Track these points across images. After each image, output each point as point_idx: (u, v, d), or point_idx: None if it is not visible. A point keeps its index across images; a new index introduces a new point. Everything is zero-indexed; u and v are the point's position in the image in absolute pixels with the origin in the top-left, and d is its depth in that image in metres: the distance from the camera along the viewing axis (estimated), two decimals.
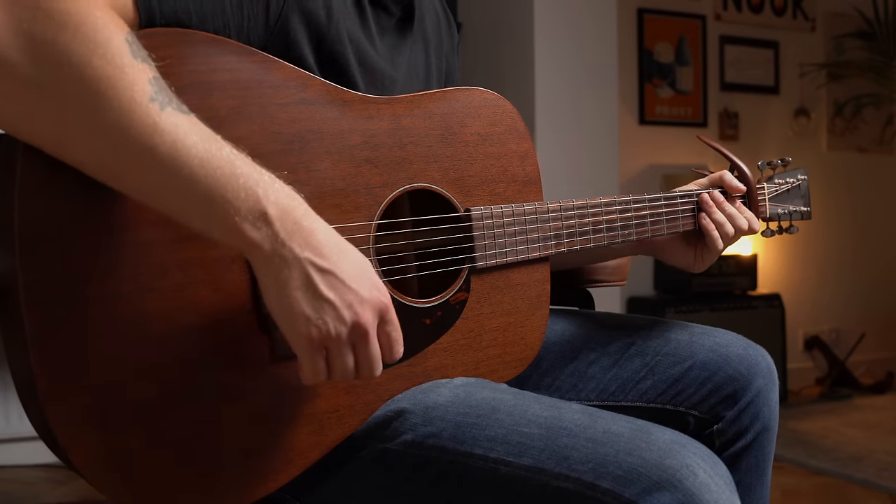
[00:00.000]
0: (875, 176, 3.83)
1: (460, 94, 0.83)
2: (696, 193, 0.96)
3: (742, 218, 0.95)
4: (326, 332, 0.62)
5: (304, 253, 0.61)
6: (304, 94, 0.71)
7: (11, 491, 2.09)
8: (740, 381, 0.90)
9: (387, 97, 0.77)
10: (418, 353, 0.78)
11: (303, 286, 0.61)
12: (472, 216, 0.81)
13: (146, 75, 0.57)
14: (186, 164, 0.57)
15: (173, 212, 0.60)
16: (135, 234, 0.62)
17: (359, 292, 0.63)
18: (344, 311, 0.62)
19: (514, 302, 0.85)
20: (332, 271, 0.62)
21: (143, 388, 0.62)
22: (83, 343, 0.60)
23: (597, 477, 0.65)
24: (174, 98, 0.59)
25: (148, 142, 0.57)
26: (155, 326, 0.63)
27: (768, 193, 1.03)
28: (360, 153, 0.74)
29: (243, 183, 0.59)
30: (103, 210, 0.61)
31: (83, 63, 0.55)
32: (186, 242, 0.64)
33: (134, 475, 0.62)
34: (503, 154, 0.85)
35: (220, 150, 0.59)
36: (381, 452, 0.74)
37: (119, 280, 0.61)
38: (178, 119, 0.58)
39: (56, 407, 0.59)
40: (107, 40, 0.56)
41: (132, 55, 0.57)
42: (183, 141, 0.57)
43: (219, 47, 0.66)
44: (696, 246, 0.98)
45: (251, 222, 0.59)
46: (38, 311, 0.58)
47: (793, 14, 3.62)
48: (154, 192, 0.59)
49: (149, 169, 0.57)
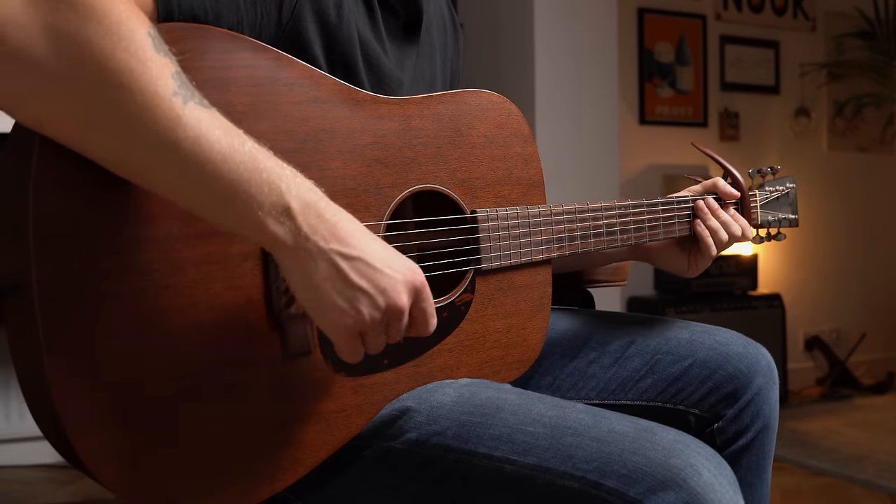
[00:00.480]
0: (876, 176, 3.83)
1: (469, 97, 0.83)
2: (692, 200, 0.97)
3: (736, 225, 0.97)
4: (361, 320, 0.62)
5: (330, 244, 0.61)
6: (317, 92, 0.71)
7: (11, 491, 2.09)
8: (741, 380, 0.90)
9: (397, 98, 0.78)
10: (424, 353, 0.78)
11: (331, 277, 0.61)
12: (478, 218, 0.82)
13: (169, 69, 0.57)
14: (210, 158, 0.57)
15: (195, 207, 0.60)
16: (149, 230, 0.62)
17: (392, 275, 0.63)
18: (378, 297, 0.62)
19: (517, 304, 0.86)
20: (361, 258, 0.62)
21: (155, 386, 0.62)
22: (96, 340, 0.60)
23: (601, 476, 0.66)
24: (196, 92, 0.58)
25: (171, 136, 0.56)
26: (168, 323, 0.63)
27: (759, 201, 1.04)
28: (371, 153, 0.74)
29: (266, 178, 0.59)
30: (118, 206, 0.61)
31: (106, 56, 0.55)
32: (200, 239, 0.64)
33: (144, 473, 0.62)
34: (508, 157, 0.86)
35: (243, 145, 0.59)
36: (385, 451, 0.74)
37: (133, 276, 0.61)
38: (200, 114, 0.57)
39: (68, 405, 0.59)
40: (130, 34, 0.56)
41: (155, 49, 0.57)
42: (206, 136, 0.57)
43: (235, 43, 0.67)
44: (690, 251, 0.99)
45: (274, 217, 0.59)
46: (52, 307, 0.58)
47: (793, 14, 3.62)
48: (176, 187, 0.59)
49: (171, 164, 0.57)
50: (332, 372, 0.72)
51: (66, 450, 0.62)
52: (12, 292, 0.61)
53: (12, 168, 0.62)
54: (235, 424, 0.66)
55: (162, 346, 0.63)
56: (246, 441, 0.67)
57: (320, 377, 0.71)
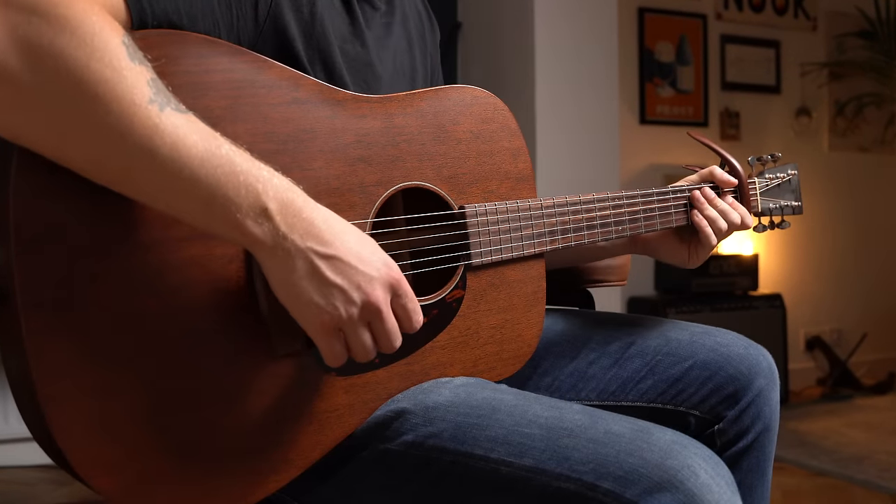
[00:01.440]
0: (877, 176, 3.82)
1: (452, 93, 0.83)
2: (688, 189, 0.97)
3: (734, 213, 0.96)
4: (338, 315, 0.63)
5: (307, 243, 0.62)
6: (296, 93, 0.71)
7: (9, 492, 2.09)
8: (741, 381, 0.90)
9: (379, 96, 0.78)
10: (416, 351, 0.78)
11: (308, 275, 0.62)
12: (466, 213, 0.81)
13: (144, 77, 0.57)
14: (187, 164, 0.58)
15: (175, 211, 0.61)
16: (132, 234, 0.62)
17: (367, 272, 0.64)
18: (353, 293, 0.63)
19: (510, 299, 0.85)
20: (337, 256, 0.63)
21: (141, 389, 0.62)
22: (81, 344, 0.60)
23: (598, 478, 0.65)
24: (172, 98, 0.59)
25: (148, 144, 0.57)
26: (153, 327, 0.63)
27: (759, 188, 1.03)
28: (354, 152, 0.74)
29: (243, 180, 0.59)
30: (100, 210, 0.61)
31: (81, 67, 0.55)
32: (184, 242, 0.64)
33: (132, 477, 0.62)
34: (495, 151, 0.85)
35: (220, 148, 0.59)
36: (381, 453, 0.74)
37: (117, 280, 0.61)
38: (177, 119, 0.58)
39: (53, 408, 0.59)
40: (104, 44, 0.56)
41: (129, 58, 0.57)
42: (183, 141, 0.58)
43: (211, 48, 0.66)
44: (690, 242, 0.98)
45: (252, 218, 0.60)
46: (36, 312, 0.58)
47: (794, 13, 3.62)
48: (155, 194, 0.59)
49: (150, 171, 0.58)
50: (323, 372, 0.71)
51: (55, 454, 0.62)
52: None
53: None
54: (225, 426, 0.66)
55: (148, 350, 0.62)
56: (236, 443, 0.67)
57: (311, 377, 0.71)
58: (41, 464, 2.27)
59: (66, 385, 0.59)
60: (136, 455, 0.62)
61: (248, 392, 0.67)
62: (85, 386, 0.60)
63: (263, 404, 0.68)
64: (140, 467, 0.62)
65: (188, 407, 0.64)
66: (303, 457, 0.70)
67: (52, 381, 0.59)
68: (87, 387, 0.60)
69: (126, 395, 0.61)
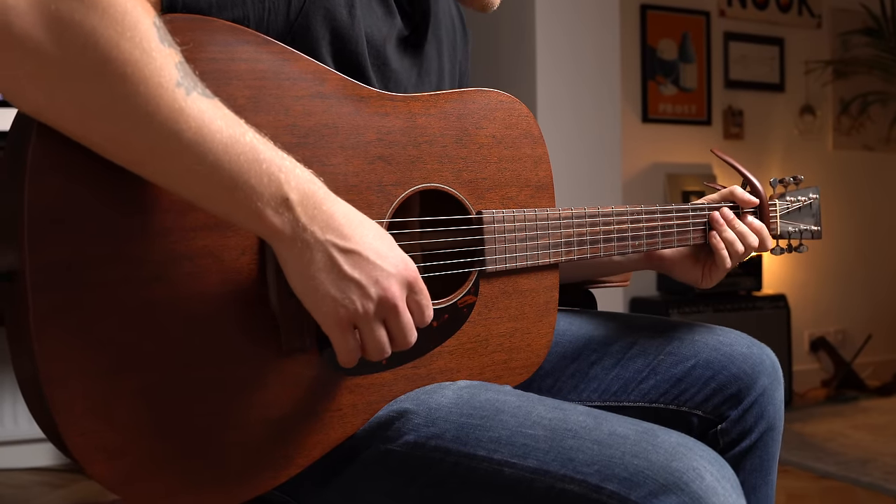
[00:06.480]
0: (882, 175, 3.81)
1: (477, 96, 0.83)
2: (708, 209, 0.96)
3: (753, 236, 0.95)
4: (354, 310, 0.63)
5: (326, 235, 0.62)
6: (320, 87, 0.71)
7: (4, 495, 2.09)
8: (744, 380, 0.89)
9: (403, 95, 0.77)
10: (424, 355, 0.77)
11: (326, 268, 0.62)
12: (483, 219, 0.81)
13: (173, 60, 0.58)
14: (211, 149, 0.58)
15: (196, 196, 0.60)
16: (145, 221, 0.62)
17: (384, 268, 0.64)
18: (370, 288, 0.63)
19: (522, 308, 0.85)
20: (356, 250, 0.63)
21: (145, 377, 0.62)
22: (88, 330, 0.60)
23: (602, 479, 0.65)
24: (199, 83, 0.59)
25: (173, 126, 0.57)
26: (161, 316, 0.62)
27: (780, 211, 1.02)
28: (374, 150, 0.74)
29: (266, 168, 0.60)
30: (114, 195, 0.61)
31: (111, 46, 0.55)
32: (197, 231, 0.64)
33: (131, 464, 0.62)
34: (517, 158, 0.85)
35: (244, 136, 0.60)
36: (383, 453, 0.73)
37: (126, 266, 0.61)
38: (203, 104, 0.58)
39: (59, 394, 0.58)
40: (135, 24, 0.56)
41: (160, 40, 0.57)
42: (208, 126, 0.58)
43: (237, 36, 0.66)
44: (705, 263, 0.98)
45: (273, 208, 0.60)
46: (45, 295, 0.58)
47: (798, 10, 3.60)
48: (177, 177, 0.59)
49: (173, 153, 0.58)
50: (329, 370, 0.71)
51: (56, 439, 0.62)
52: (8, 279, 0.61)
53: (10, 158, 0.62)
54: (227, 418, 0.66)
55: (154, 338, 0.62)
56: (237, 436, 0.66)
57: (316, 375, 0.70)
58: (35, 466, 2.27)
59: (69, 367, 0.59)
60: (136, 442, 0.62)
61: (252, 385, 0.67)
62: (88, 369, 0.60)
63: (267, 399, 0.68)
64: (139, 455, 0.62)
65: (191, 397, 0.64)
66: (303, 455, 0.70)
67: (55, 364, 0.58)
68: (90, 370, 0.60)
69: (129, 382, 0.61)
